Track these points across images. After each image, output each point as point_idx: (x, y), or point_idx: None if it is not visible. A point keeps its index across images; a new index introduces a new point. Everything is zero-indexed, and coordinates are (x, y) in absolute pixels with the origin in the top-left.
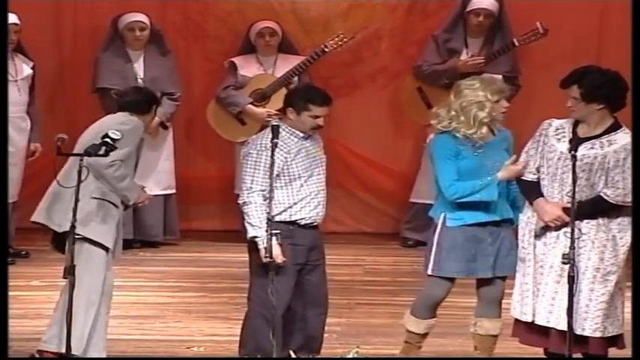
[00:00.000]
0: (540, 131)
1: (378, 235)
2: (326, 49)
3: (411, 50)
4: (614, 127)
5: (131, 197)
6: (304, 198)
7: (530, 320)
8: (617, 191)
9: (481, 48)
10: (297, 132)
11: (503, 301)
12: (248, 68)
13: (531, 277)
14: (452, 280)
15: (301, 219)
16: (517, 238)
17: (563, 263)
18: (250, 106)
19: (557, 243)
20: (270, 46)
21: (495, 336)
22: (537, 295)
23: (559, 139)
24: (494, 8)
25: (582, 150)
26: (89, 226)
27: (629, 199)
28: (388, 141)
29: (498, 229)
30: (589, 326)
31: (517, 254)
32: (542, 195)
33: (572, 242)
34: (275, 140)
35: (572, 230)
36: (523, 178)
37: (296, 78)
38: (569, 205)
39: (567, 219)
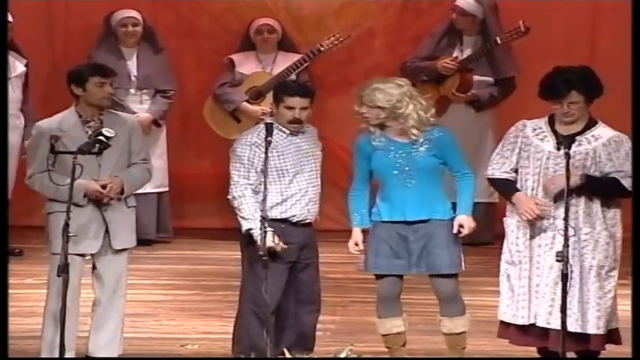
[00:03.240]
0: (517, 133)
1: None
2: (321, 49)
3: (404, 48)
4: (592, 123)
5: (75, 199)
6: (294, 194)
7: (526, 323)
8: (629, 180)
9: (474, 46)
10: (285, 128)
11: (490, 299)
12: (246, 65)
13: (527, 279)
14: (388, 276)
15: (293, 216)
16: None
17: (558, 261)
18: (245, 103)
19: (554, 243)
20: (268, 43)
21: (460, 333)
22: (537, 297)
23: (542, 139)
24: (469, 8)
25: (572, 147)
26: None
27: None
28: None
29: (427, 226)
30: (602, 324)
31: (455, 253)
32: (518, 190)
33: (566, 240)
34: (269, 138)
35: (566, 228)
36: (496, 177)
37: (293, 76)
38: (545, 200)
39: (538, 211)
